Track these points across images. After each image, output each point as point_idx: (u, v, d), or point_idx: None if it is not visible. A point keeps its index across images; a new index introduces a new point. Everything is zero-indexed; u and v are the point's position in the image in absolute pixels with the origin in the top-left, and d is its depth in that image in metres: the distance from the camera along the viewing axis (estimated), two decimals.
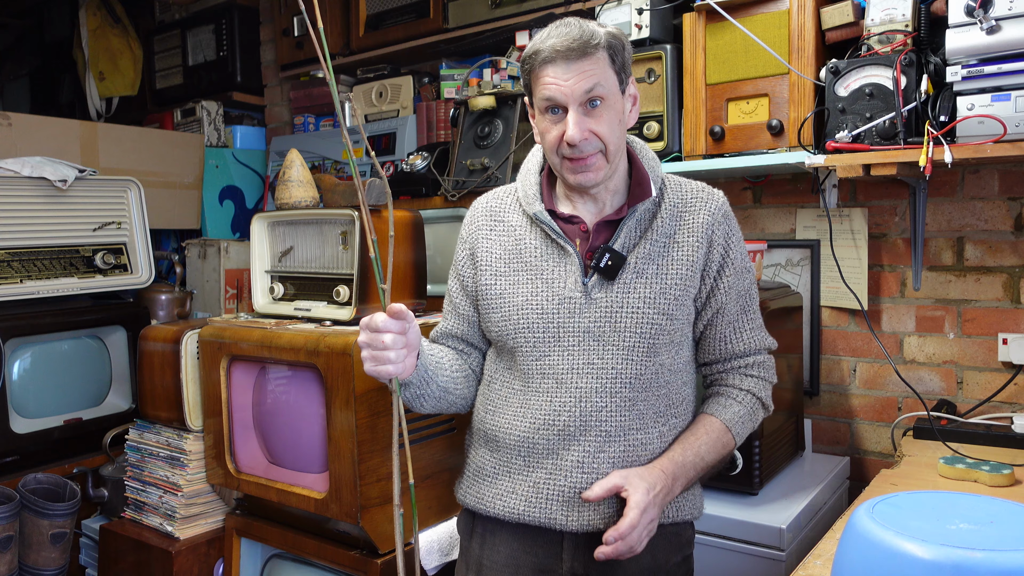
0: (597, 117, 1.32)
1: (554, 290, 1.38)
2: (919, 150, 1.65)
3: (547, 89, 1.31)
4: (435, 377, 1.41)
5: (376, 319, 1.27)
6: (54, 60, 4.58)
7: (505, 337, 1.42)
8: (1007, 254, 1.97)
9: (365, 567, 1.73)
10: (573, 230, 1.41)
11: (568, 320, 1.36)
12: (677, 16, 2.15)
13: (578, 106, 1.31)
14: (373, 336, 1.27)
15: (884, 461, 2.12)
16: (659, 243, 1.38)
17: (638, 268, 1.36)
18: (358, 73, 3.04)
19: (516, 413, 1.40)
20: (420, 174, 2.35)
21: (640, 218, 1.39)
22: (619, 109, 1.35)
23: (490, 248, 1.46)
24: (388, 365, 1.27)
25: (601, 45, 1.30)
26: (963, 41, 1.62)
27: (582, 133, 1.30)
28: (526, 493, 1.38)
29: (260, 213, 2.04)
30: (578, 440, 1.35)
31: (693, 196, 1.43)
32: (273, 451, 1.91)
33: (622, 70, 1.35)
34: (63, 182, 2.44)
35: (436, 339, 1.58)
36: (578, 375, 1.36)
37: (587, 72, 1.29)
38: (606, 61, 1.31)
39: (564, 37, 1.30)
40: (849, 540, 0.92)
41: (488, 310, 1.44)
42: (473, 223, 1.51)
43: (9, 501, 2.04)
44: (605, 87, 1.31)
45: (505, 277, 1.43)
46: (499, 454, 1.43)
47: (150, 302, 2.79)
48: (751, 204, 2.33)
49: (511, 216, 1.47)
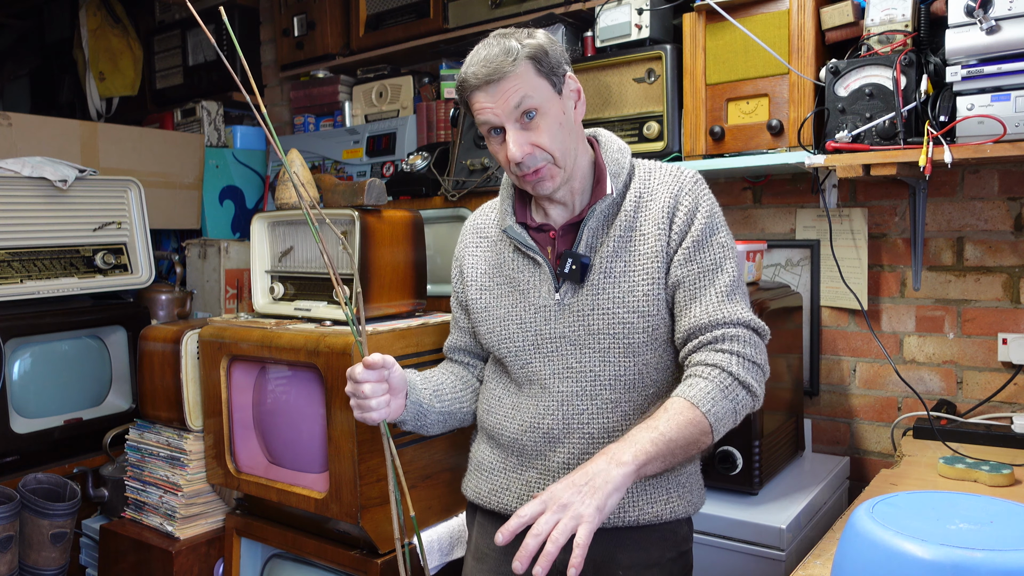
0: (535, 129, 1.31)
1: (530, 300, 1.41)
2: (919, 150, 1.65)
3: (481, 115, 1.33)
4: (432, 407, 1.46)
5: (354, 371, 1.33)
6: (54, 60, 4.57)
7: (492, 347, 1.47)
8: (1007, 254, 1.97)
9: (365, 567, 1.73)
10: (544, 238, 1.43)
11: (544, 327, 1.39)
12: (677, 16, 2.15)
13: (514, 122, 1.31)
14: (355, 387, 1.33)
15: (884, 461, 2.12)
16: (623, 239, 1.36)
17: (604, 268, 1.35)
18: (358, 73, 3.05)
19: (507, 415, 1.44)
20: (420, 174, 2.35)
21: (601, 216, 1.37)
22: (557, 113, 1.33)
23: (475, 264, 1.52)
24: (372, 412, 1.33)
25: (519, 58, 1.29)
26: (963, 41, 1.62)
27: (522, 149, 1.30)
28: (519, 491, 1.42)
29: (260, 213, 2.04)
30: (563, 443, 1.38)
31: (659, 182, 1.38)
32: (273, 451, 1.91)
33: (552, 73, 1.32)
34: (63, 182, 2.44)
35: (447, 353, 1.65)
36: (560, 380, 1.38)
37: (510, 89, 1.29)
38: (531, 71, 1.30)
39: (482, 62, 1.30)
40: (849, 540, 0.92)
41: (476, 323, 1.50)
42: (462, 240, 1.57)
43: (9, 501, 2.04)
44: (535, 98, 1.30)
45: (489, 291, 1.48)
46: (497, 451, 1.47)
47: (150, 302, 2.79)
48: (751, 204, 2.33)
49: (493, 231, 1.52)
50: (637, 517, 1.36)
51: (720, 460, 1.83)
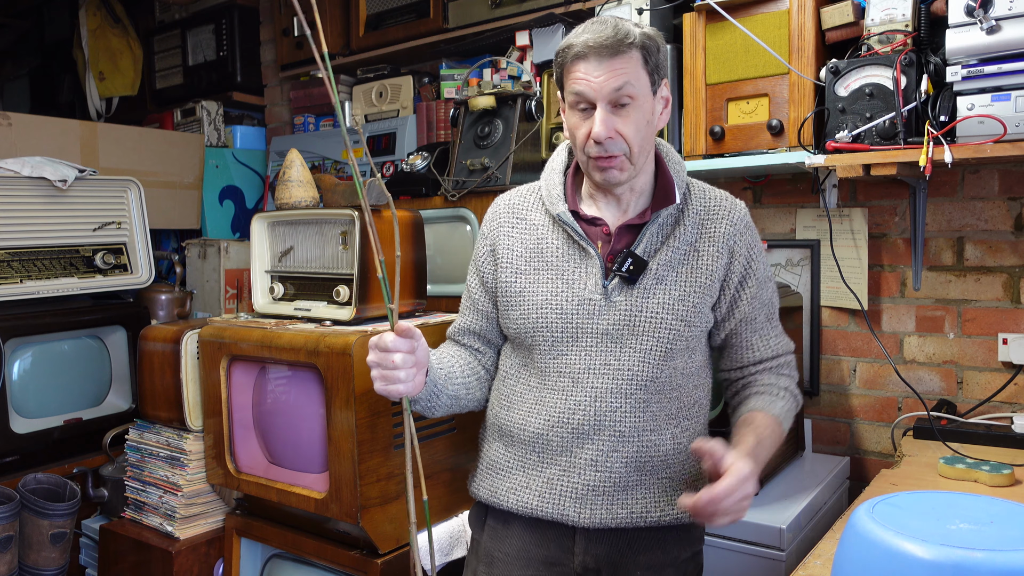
0: (624, 117, 1.31)
1: (574, 291, 1.38)
2: (919, 150, 1.65)
3: (577, 84, 1.31)
4: (445, 388, 1.43)
5: (385, 339, 1.27)
6: (54, 60, 4.57)
7: (523, 335, 1.42)
8: (1007, 254, 1.97)
9: (365, 567, 1.73)
10: (595, 232, 1.41)
11: (587, 321, 1.37)
12: (677, 16, 2.15)
13: (606, 104, 1.30)
14: (383, 356, 1.27)
15: (884, 461, 2.12)
16: (680, 251, 1.39)
17: (659, 274, 1.37)
18: (358, 73, 3.04)
19: (531, 409, 1.41)
20: (420, 174, 2.35)
21: (663, 224, 1.39)
22: (648, 111, 1.34)
23: (511, 245, 1.46)
24: (399, 384, 1.28)
25: (635, 44, 1.29)
26: (963, 41, 1.62)
27: (608, 131, 1.30)
28: (539, 488, 1.39)
29: (260, 213, 2.04)
30: (592, 439, 1.36)
31: (716, 204, 1.43)
32: (273, 451, 1.91)
33: (655, 71, 1.33)
34: (63, 182, 2.44)
35: (453, 335, 1.59)
36: (594, 375, 1.36)
37: (618, 70, 1.28)
38: (639, 61, 1.30)
39: (598, 34, 1.28)
40: (849, 540, 0.92)
41: (507, 307, 1.45)
42: (495, 219, 1.51)
43: (9, 501, 2.04)
44: (635, 87, 1.30)
45: (526, 275, 1.43)
46: (513, 449, 1.44)
47: (150, 302, 2.79)
48: (751, 204, 2.32)
49: (533, 215, 1.47)
50: (659, 518, 1.38)
51: None
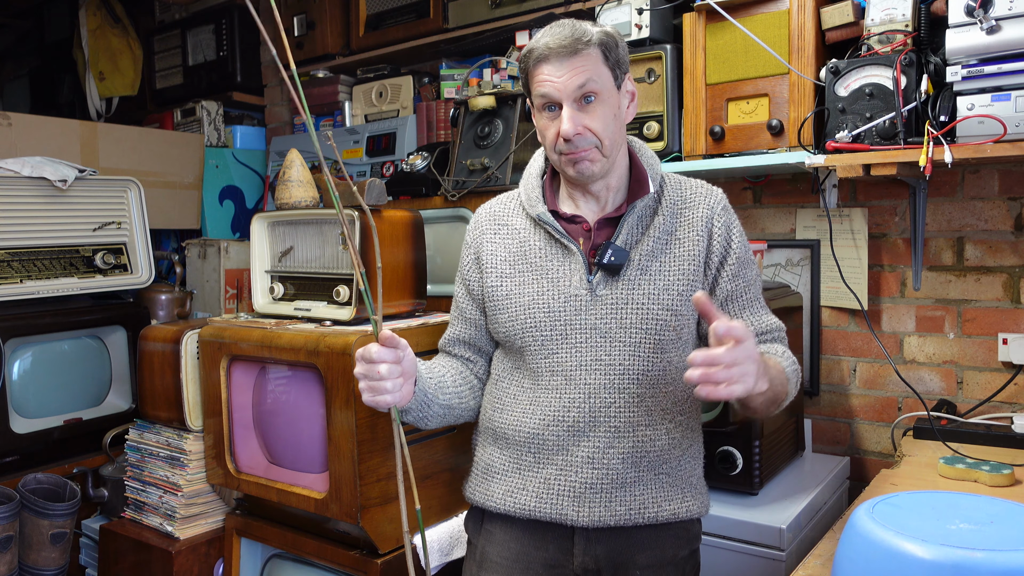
0: (591, 113, 1.35)
1: (560, 289, 1.40)
2: (919, 150, 1.65)
3: (542, 86, 1.35)
4: (436, 398, 1.43)
5: (370, 350, 1.28)
6: (54, 60, 4.57)
7: (513, 337, 1.44)
8: (1007, 254, 1.97)
9: (365, 567, 1.73)
10: (576, 229, 1.43)
11: (575, 317, 1.38)
12: (677, 16, 2.15)
13: (572, 102, 1.34)
14: (369, 367, 1.28)
15: (884, 461, 2.12)
16: (661, 240, 1.40)
17: (642, 265, 1.39)
18: (358, 73, 3.04)
19: (525, 410, 1.42)
20: (420, 174, 2.35)
21: (640, 215, 1.41)
22: (614, 104, 1.37)
23: (494, 251, 1.49)
24: (386, 395, 1.28)
25: (593, 42, 1.34)
26: (963, 41, 1.62)
27: (576, 128, 1.33)
28: (537, 489, 1.40)
29: (260, 213, 2.04)
30: (587, 436, 1.37)
31: (692, 192, 1.46)
32: (273, 451, 1.91)
33: (616, 66, 1.37)
34: (63, 182, 2.44)
35: (443, 347, 1.61)
36: (586, 371, 1.37)
37: (579, 68, 1.33)
38: (599, 57, 1.35)
39: (557, 36, 1.34)
40: (849, 540, 0.92)
41: (495, 311, 1.47)
42: (477, 228, 1.54)
43: (9, 501, 2.04)
44: (598, 83, 1.34)
45: (511, 278, 1.45)
46: (508, 451, 1.44)
47: (150, 302, 2.79)
48: (751, 204, 2.32)
49: (514, 220, 1.50)
50: (656, 514, 1.38)
51: (720, 460, 1.83)
